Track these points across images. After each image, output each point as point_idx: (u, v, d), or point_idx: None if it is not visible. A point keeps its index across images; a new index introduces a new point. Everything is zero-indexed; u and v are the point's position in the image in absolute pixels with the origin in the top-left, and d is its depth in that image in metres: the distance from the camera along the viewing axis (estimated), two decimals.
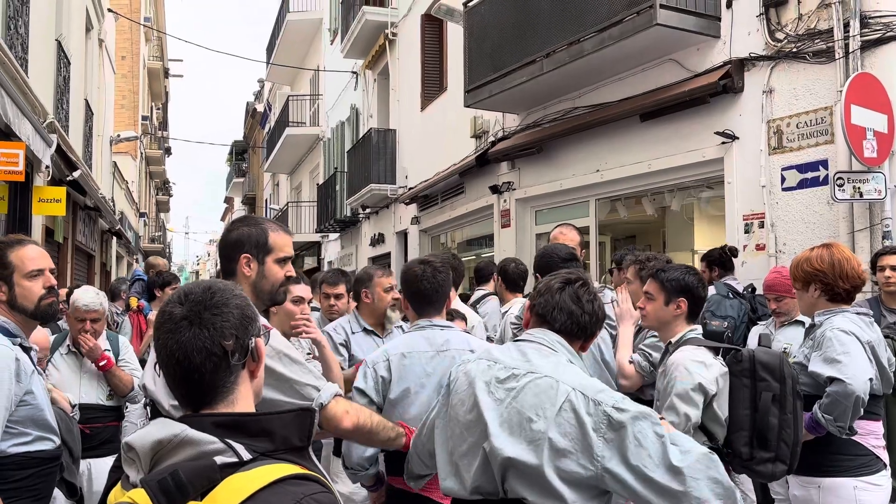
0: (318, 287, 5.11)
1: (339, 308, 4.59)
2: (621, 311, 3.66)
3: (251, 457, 1.14)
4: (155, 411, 2.39)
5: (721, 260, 5.40)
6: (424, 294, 2.84)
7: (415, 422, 2.50)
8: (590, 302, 2.14)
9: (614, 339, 3.69)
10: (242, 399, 1.27)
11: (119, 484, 1.20)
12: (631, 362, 3.51)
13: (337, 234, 19.25)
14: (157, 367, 1.27)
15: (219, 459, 1.11)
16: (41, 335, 3.48)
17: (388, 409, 2.76)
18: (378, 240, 15.39)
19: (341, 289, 4.66)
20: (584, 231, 8.29)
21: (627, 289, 3.76)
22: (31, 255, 2.55)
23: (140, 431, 1.18)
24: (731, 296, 4.99)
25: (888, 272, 4.21)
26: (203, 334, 1.22)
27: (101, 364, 3.98)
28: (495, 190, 9.71)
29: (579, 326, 2.12)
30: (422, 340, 2.81)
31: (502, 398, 2.01)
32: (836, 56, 5.42)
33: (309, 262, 23.07)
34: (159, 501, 1.06)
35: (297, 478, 1.13)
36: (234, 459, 1.12)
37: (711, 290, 5.13)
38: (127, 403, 4.33)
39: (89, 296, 4.03)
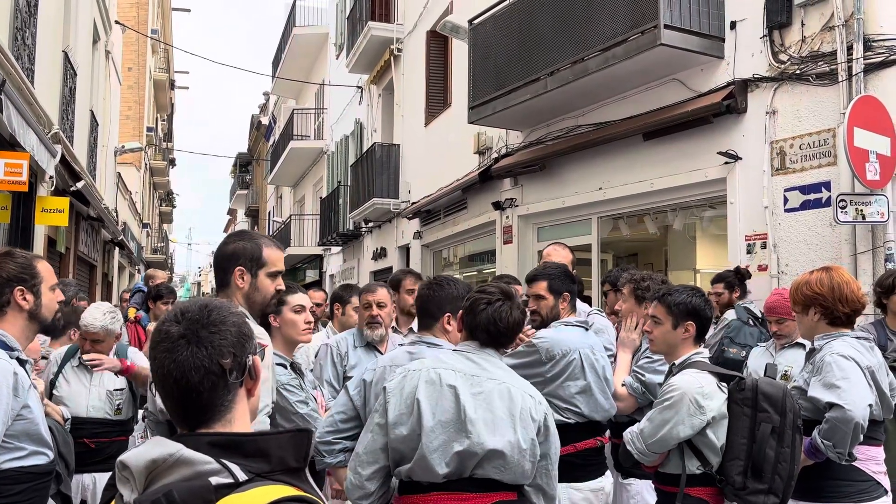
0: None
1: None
2: (623, 339, 3.64)
3: (247, 478, 1.12)
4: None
5: (741, 280, 5.38)
6: (418, 309, 3.01)
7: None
8: (507, 318, 2.50)
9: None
10: (239, 418, 1.25)
11: (113, 503, 1.19)
12: (624, 385, 3.50)
13: (339, 248, 19.25)
14: (153, 385, 1.26)
15: (214, 480, 1.10)
16: (32, 343, 3.47)
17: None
18: (380, 254, 15.40)
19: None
20: (586, 249, 8.31)
21: (622, 306, 3.76)
22: (50, 269, 2.63)
23: (135, 450, 1.16)
24: (751, 322, 4.93)
25: None
26: (201, 353, 1.21)
27: (127, 366, 3.94)
28: (498, 206, 9.72)
29: (499, 342, 2.54)
30: (406, 355, 2.87)
31: (478, 401, 2.37)
32: (840, 78, 5.43)
33: (311, 276, 23.06)
34: None
35: (294, 499, 1.12)
36: (230, 480, 1.11)
37: (731, 314, 5.09)
38: (137, 418, 4.31)
39: (93, 315, 3.96)
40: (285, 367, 3.05)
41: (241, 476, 1.12)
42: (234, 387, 1.25)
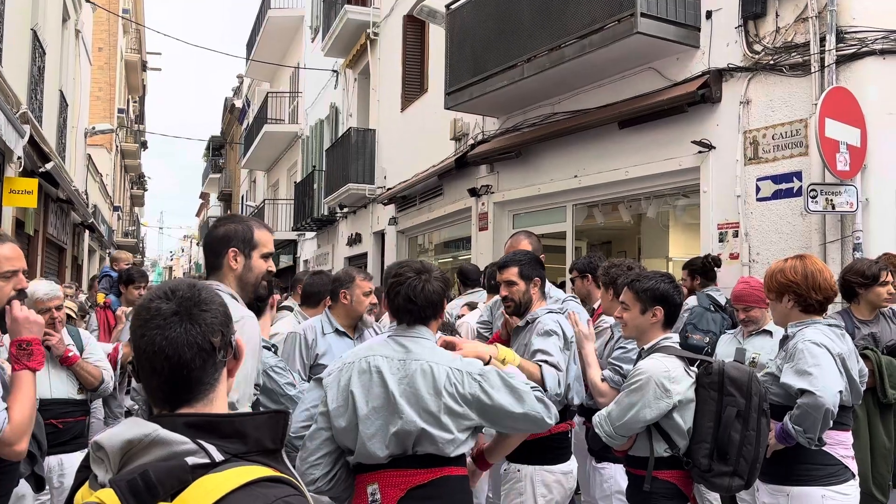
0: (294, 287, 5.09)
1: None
2: (580, 334, 3.65)
3: (223, 458, 1.12)
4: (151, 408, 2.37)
5: (704, 269, 5.43)
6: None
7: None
8: (421, 291, 2.52)
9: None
10: (220, 398, 1.26)
11: (87, 483, 1.18)
12: (603, 380, 3.51)
13: (314, 233, 19.15)
14: (135, 365, 1.24)
15: (190, 460, 1.09)
16: None
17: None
18: (355, 240, 15.34)
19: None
20: (560, 236, 8.35)
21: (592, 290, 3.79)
22: (8, 255, 2.45)
23: (110, 430, 1.15)
24: (713, 308, 5.00)
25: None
26: (194, 329, 1.22)
27: (68, 356, 3.86)
28: (474, 193, 9.73)
29: (424, 316, 2.54)
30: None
31: (402, 384, 2.42)
32: (812, 69, 5.50)
33: (285, 261, 22.92)
34: (128, 502, 1.04)
35: (270, 480, 1.12)
36: (206, 460, 1.11)
37: (693, 301, 5.15)
38: (93, 398, 4.23)
39: (41, 287, 3.88)
40: (269, 350, 3.03)
41: (218, 456, 1.12)
42: (221, 365, 1.26)
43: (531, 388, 2.51)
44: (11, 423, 2.29)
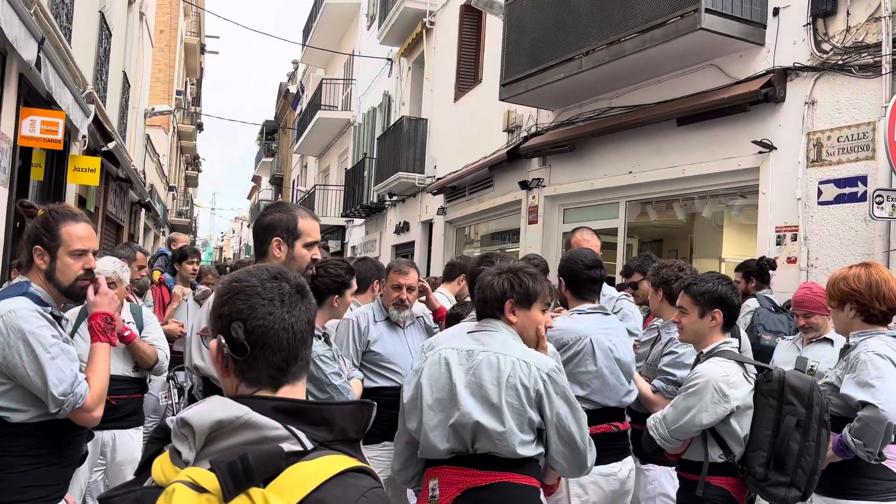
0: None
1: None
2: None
3: (312, 446, 1.13)
4: (208, 387, 2.43)
5: (759, 271, 5.34)
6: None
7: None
8: (489, 286, 2.56)
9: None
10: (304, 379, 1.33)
11: (166, 456, 1.19)
12: (655, 391, 3.46)
13: (362, 220, 19.31)
14: (245, 345, 1.23)
15: (285, 447, 1.11)
16: None
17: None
18: (403, 228, 15.42)
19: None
20: (612, 232, 8.27)
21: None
22: (81, 234, 2.51)
23: (198, 408, 1.16)
24: (772, 310, 4.94)
25: None
26: (312, 308, 1.31)
27: (124, 335, 3.92)
28: (524, 185, 9.68)
29: (490, 308, 2.56)
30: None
31: (468, 376, 2.44)
32: (883, 71, 5.33)
33: (333, 246, 23.17)
34: (227, 484, 1.05)
35: (357, 471, 1.13)
36: (299, 448, 1.12)
37: (754, 303, 5.08)
38: (151, 376, 4.33)
39: (103, 262, 3.92)
40: (319, 339, 3.07)
41: (308, 444, 1.13)
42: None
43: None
44: (91, 391, 2.42)
